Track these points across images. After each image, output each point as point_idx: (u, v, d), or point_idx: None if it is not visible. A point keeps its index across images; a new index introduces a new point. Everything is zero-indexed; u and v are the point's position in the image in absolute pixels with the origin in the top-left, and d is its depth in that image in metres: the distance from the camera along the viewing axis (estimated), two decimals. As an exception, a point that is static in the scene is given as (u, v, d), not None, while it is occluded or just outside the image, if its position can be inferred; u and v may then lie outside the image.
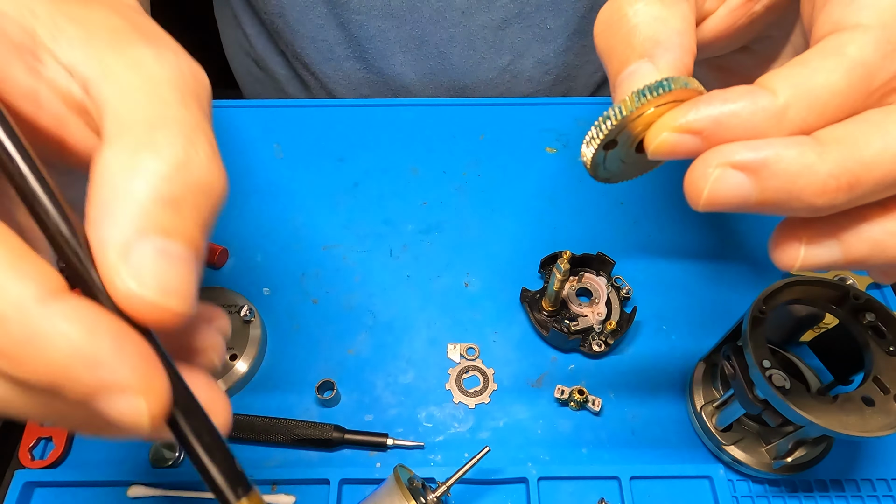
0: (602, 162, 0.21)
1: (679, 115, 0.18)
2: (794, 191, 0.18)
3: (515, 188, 0.60)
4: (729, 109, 0.18)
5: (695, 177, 0.18)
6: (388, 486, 0.39)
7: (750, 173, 0.18)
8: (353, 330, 0.52)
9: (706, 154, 0.18)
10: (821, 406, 0.34)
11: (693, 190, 0.19)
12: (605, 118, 0.20)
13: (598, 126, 0.20)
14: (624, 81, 0.21)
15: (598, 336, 0.49)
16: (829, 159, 0.17)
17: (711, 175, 0.18)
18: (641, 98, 0.19)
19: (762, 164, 0.17)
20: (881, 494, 0.44)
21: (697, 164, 0.18)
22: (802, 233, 0.20)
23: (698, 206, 0.19)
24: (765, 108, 0.18)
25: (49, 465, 0.45)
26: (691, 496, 0.44)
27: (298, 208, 0.59)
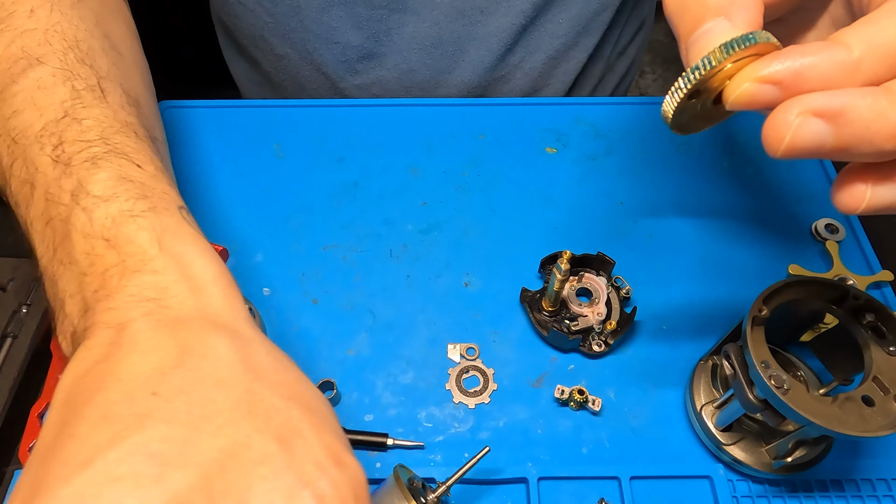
0: (681, 112, 0.22)
1: (762, 67, 0.20)
2: (867, 136, 0.19)
3: (515, 188, 0.60)
4: (809, 62, 0.19)
5: (777, 124, 0.20)
6: (388, 486, 0.39)
7: (829, 120, 0.19)
8: (353, 330, 0.52)
9: (787, 103, 0.19)
10: (821, 406, 0.34)
11: (774, 137, 0.20)
12: (694, 69, 0.21)
13: (686, 76, 0.21)
14: (701, 38, 0.22)
15: (598, 336, 0.49)
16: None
17: (794, 123, 0.19)
18: (730, 50, 0.20)
19: (840, 111, 0.19)
20: (881, 494, 0.44)
21: (779, 113, 0.20)
22: (869, 176, 0.22)
23: (778, 152, 0.20)
24: (842, 62, 0.19)
25: (49, 465, 0.45)
26: (691, 496, 0.44)
27: (298, 208, 0.59)
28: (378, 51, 0.66)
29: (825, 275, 0.53)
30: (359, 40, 0.65)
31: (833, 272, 0.53)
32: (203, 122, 0.65)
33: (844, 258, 0.54)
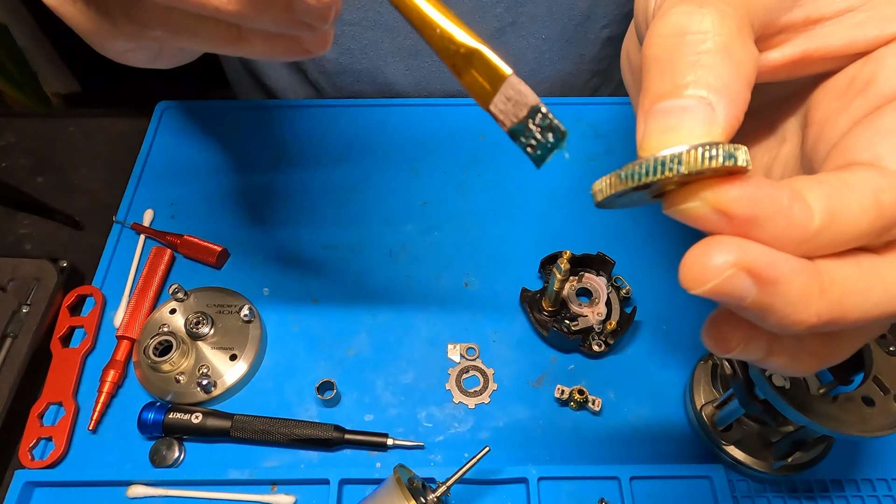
0: (613, 198, 0.20)
1: (723, 194, 0.17)
2: (780, 312, 0.17)
3: (515, 188, 0.60)
4: (770, 212, 0.17)
5: (705, 265, 0.17)
6: (388, 486, 0.39)
7: (759, 283, 0.17)
8: (353, 330, 0.52)
9: (727, 244, 0.17)
10: (821, 406, 0.34)
11: (696, 277, 0.17)
12: (656, 165, 0.17)
13: (644, 170, 0.18)
14: (674, 114, 0.18)
15: (598, 336, 0.49)
16: (826, 299, 0.17)
17: (725, 272, 0.17)
18: (707, 161, 0.17)
19: (775, 281, 0.17)
20: (881, 494, 0.44)
21: (713, 253, 0.17)
22: (743, 332, 0.20)
23: (693, 290, 0.17)
24: (800, 227, 0.17)
25: (49, 465, 0.45)
26: (691, 496, 0.44)
27: (298, 208, 0.59)
28: (355, 66, 0.66)
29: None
30: (333, 55, 0.66)
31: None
32: (203, 122, 0.65)
33: (844, 258, 0.54)
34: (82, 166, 0.64)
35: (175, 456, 0.46)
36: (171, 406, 0.46)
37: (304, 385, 0.49)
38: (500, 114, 0.20)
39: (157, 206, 0.59)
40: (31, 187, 0.62)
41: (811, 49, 0.22)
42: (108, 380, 0.48)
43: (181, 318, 0.50)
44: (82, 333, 0.51)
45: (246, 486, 0.45)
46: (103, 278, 0.54)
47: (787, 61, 0.22)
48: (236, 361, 0.49)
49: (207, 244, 0.55)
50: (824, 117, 0.22)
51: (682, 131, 0.18)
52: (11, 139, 0.65)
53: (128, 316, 0.51)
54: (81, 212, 0.60)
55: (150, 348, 0.48)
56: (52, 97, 1.37)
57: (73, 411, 0.47)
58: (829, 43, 0.22)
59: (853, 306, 0.18)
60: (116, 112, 0.68)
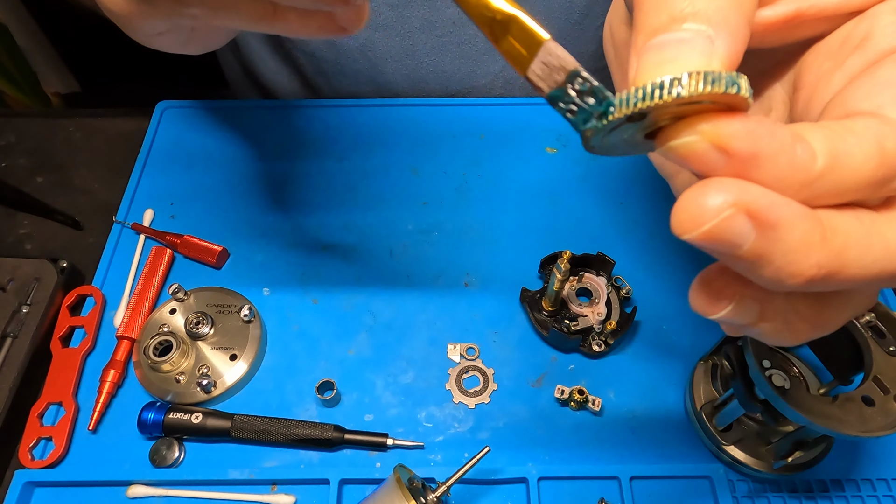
0: (604, 132, 0.18)
1: (723, 125, 0.16)
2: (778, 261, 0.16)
3: (515, 188, 0.60)
4: (772, 149, 0.16)
5: (700, 205, 0.16)
6: (388, 486, 0.39)
7: (758, 227, 0.16)
8: (353, 330, 0.52)
9: (725, 184, 0.16)
10: (821, 406, 0.34)
11: (691, 218, 0.16)
12: (653, 90, 0.16)
13: (634, 96, 0.16)
14: (670, 46, 0.17)
15: (598, 336, 0.49)
16: (826, 249, 0.16)
17: (723, 213, 0.15)
18: (710, 85, 0.15)
19: (775, 224, 0.16)
20: (881, 494, 0.44)
21: (710, 193, 0.16)
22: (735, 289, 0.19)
23: (685, 235, 0.16)
24: (803, 168, 0.16)
25: (49, 465, 0.45)
26: (691, 496, 0.44)
27: (298, 208, 0.59)
28: (352, 66, 0.66)
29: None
30: (331, 56, 0.66)
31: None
32: (203, 122, 0.65)
33: (844, 258, 0.54)
34: (82, 166, 0.64)
35: (175, 456, 0.46)
36: (171, 406, 0.46)
37: (304, 385, 0.49)
38: (537, 79, 0.19)
39: (157, 207, 0.59)
40: (31, 187, 0.62)
41: (804, 7, 0.21)
42: (108, 380, 0.48)
43: (181, 318, 0.50)
44: (82, 333, 0.51)
45: (246, 486, 0.45)
46: (103, 278, 0.54)
47: (780, 20, 0.21)
48: (236, 361, 0.49)
49: (207, 244, 0.55)
50: (816, 78, 0.22)
51: (679, 62, 0.16)
52: (11, 139, 0.65)
53: (128, 316, 0.51)
54: (81, 212, 0.60)
55: (150, 348, 0.48)
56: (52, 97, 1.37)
57: (73, 411, 0.47)
58: (824, 0, 0.21)
59: (854, 259, 0.17)
60: (116, 112, 0.68)
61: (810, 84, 0.22)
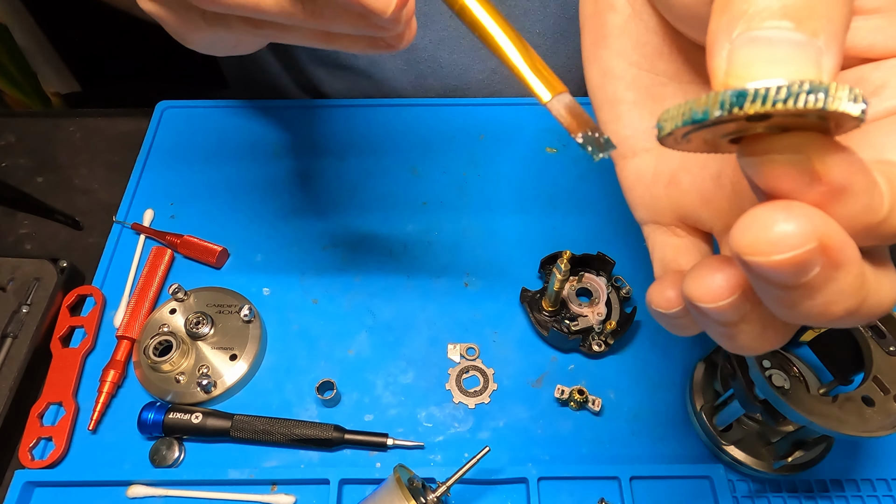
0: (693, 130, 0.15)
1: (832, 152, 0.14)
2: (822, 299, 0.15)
3: (515, 188, 0.60)
4: (863, 186, 0.14)
5: (783, 232, 0.14)
6: (388, 486, 0.39)
7: (826, 264, 0.14)
8: (353, 330, 0.52)
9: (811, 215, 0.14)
10: (821, 406, 0.34)
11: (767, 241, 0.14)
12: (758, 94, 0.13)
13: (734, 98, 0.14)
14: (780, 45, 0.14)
15: (598, 336, 0.49)
16: (860, 295, 0.16)
17: (807, 245, 0.14)
18: (829, 100, 0.13)
19: (841, 264, 0.15)
20: (881, 494, 0.44)
21: (796, 221, 0.14)
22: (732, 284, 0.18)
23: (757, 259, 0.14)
24: (875, 211, 0.15)
25: (49, 465, 0.45)
26: (691, 496, 0.44)
27: (298, 208, 0.59)
28: (352, 64, 0.66)
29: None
30: (331, 54, 0.66)
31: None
32: (203, 122, 0.65)
33: (844, 258, 0.54)
34: (82, 166, 0.64)
35: (175, 456, 0.46)
36: (171, 406, 0.46)
37: (304, 385, 0.49)
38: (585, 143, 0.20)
39: (157, 206, 0.59)
40: (31, 187, 0.62)
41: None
42: (108, 380, 0.48)
43: (181, 318, 0.50)
44: (82, 333, 0.51)
45: (246, 486, 0.45)
46: (103, 278, 0.54)
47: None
48: (236, 361, 0.49)
49: (207, 244, 0.55)
50: None
51: (786, 65, 0.14)
52: (11, 139, 0.66)
53: (128, 316, 0.51)
54: (81, 212, 0.60)
55: (150, 348, 0.48)
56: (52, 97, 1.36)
57: (73, 411, 0.47)
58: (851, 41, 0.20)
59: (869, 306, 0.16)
60: (116, 112, 0.68)
61: None
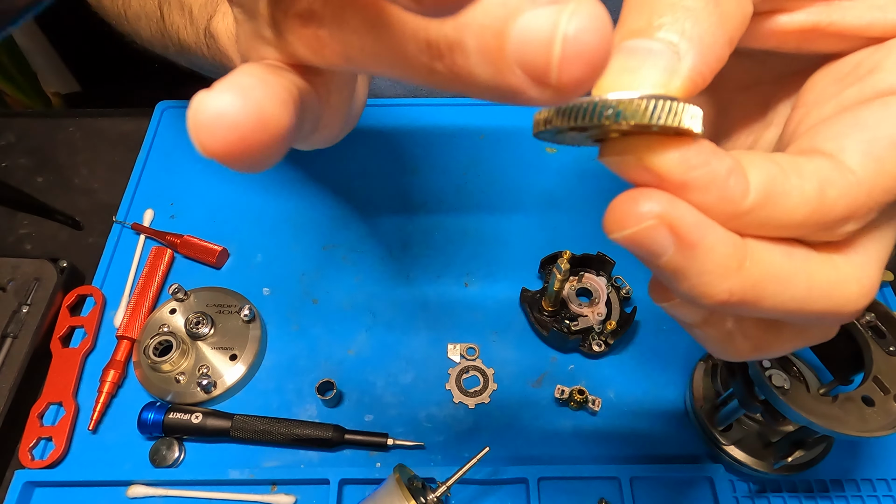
0: (553, 133, 0.18)
1: (660, 154, 0.16)
2: (692, 279, 0.17)
3: (515, 188, 0.60)
4: (703, 181, 0.16)
5: (627, 210, 0.16)
6: (389, 486, 0.39)
7: (678, 243, 0.16)
8: (353, 330, 0.52)
9: (656, 195, 0.16)
10: (821, 406, 0.34)
11: (617, 220, 0.17)
12: (596, 110, 0.16)
13: (582, 110, 0.16)
14: (637, 55, 0.17)
15: (598, 336, 0.49)
16: (741, 277, 0.17)
17: (646, 222, 0.16)
18: (646, 115, 0.15)
19: (694, 244, 0.16)
20: (881, 494, 0.44)
21: (641, 201, 0.16)
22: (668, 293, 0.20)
23: (610, 234, 0.17)
24: (731, 201, 0.16)
25: (49, 465, 0.45)
26: (691, 496, 0.44)
27: (298, 208, 0.59)
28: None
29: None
30: None
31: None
32: (203, 122, 0.65)
33: (844, 258, 0.54)
34: (82, 166, 0.64)
35: (175, 456, 0.46)
36: (171, 406, 0.46)
37: (304, 385, 0.49)
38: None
39: (157, 206, 0.59)
40: (31, 187, 0.61)
41: (824, 22, 0.20)
42: (108, 380, 0.48)
43: (181, 318, 0.50)
44: (82, 333, 0.51)
45: (246, 486, 0.45)
46: (103, 278, 0.54)
47: (797, 29, 0.21)
48: (236, 361, 0.49)
49: (207, 244, 0.55)
50: (815, 100, 0.21)
51: (640, 74, 0.16)
52: (11, 139, 0.65)
53: (128, 316, 0.51)
54: (81, 212, 0.60)
55: (150, 348, 0.48)
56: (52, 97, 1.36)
57: (73, 411, 0.47)
58: (845, 19, 0.20)
59: (770, 293, 0.17)
60: (116, 112, 0.68)
61: (808, 104, 0.21)
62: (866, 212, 0.17)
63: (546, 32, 0.12)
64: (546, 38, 0.12)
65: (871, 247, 0.19)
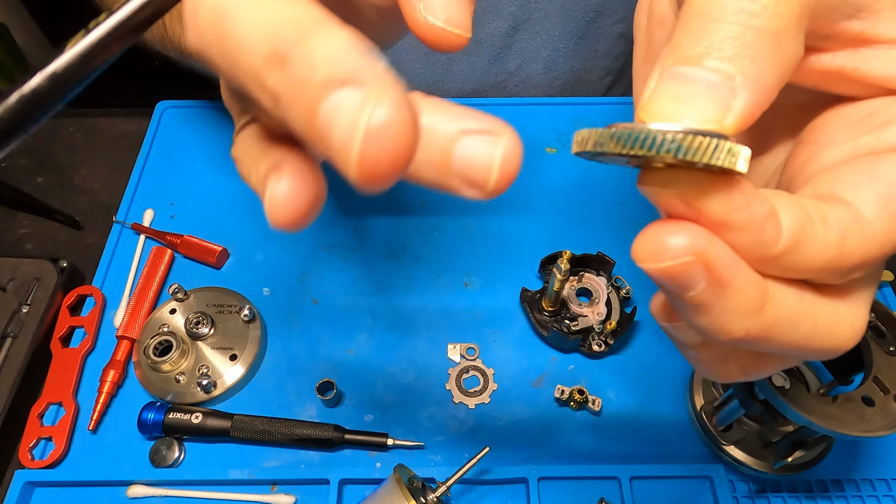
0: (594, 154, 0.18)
1: (705, 193, 0.16)
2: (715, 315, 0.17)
3: (515, 188, 0.60)
4: (745, 223, 0.16)
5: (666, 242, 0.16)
6: (388, 486, 0.39)
7: (710, 281, 0.16)
8: (353, 330, 0.52)
9: (695, 233, 0.16)
10: (821, 406, 0.34)
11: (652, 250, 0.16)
12: (652, 140, 0.15)
13: (635, 139, 0.16)
14: (692, 83, 0.16)
15: (598, 336, 0.49)
16: (760, 319, 0.17)
17: (684, 258, 0.16)
18: (706, 154, 0.15)
19: (727, 284, 0.16)
20: (881, 494, 0.44)
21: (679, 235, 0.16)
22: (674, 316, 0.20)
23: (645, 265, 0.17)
24: (765, 245, 0.17)
25: (49, 465, 0.45)
26: (691, 496, 0.44)
27: (298, 208, 0.59)
28: None
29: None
30: None
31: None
32: (203, 122, 0.65)
33: (844, 258, 0.54)
34: (82, 166, 0.64)
35: (175, 456, 0.46)
36: (171, 406, 0.46)
37: (304, 385, 0.49)
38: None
39: (157, 206, 0.59)
40: (31, 187, 0.62)
41: (849, 67, 0.20)
42: (108, 380, 0.48)
43: (181, 318, 0.50)
44: (82, 333, 0.51)
45: (246, 486, 0.45)
46: (103, 278, 0.54)
47: (822, 70, 0.21)
48: (236, 361, 0.49)
49: (207, 244, 0.55)
50: (826, 141, 0.21)
51: (692, 105, 0.16)
52: (11, 139, 0.66)
53: (128, 316, 0.51)
54: (81, 212, 0.60)
55: (150, 348, 0.48)
56: (52, 97, 1.37)
57: (73, 411, 0.47)
58: (870, 68, 0.20)
59: (780, 333, 0.18)
60: (116, 112, 0.68)
61: (818, 143, 0.21)
62: (876, 262, 0.18)
63: (485, 156, 0.16)
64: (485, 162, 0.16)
65: (864, 293, 0.19)
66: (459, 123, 0.16)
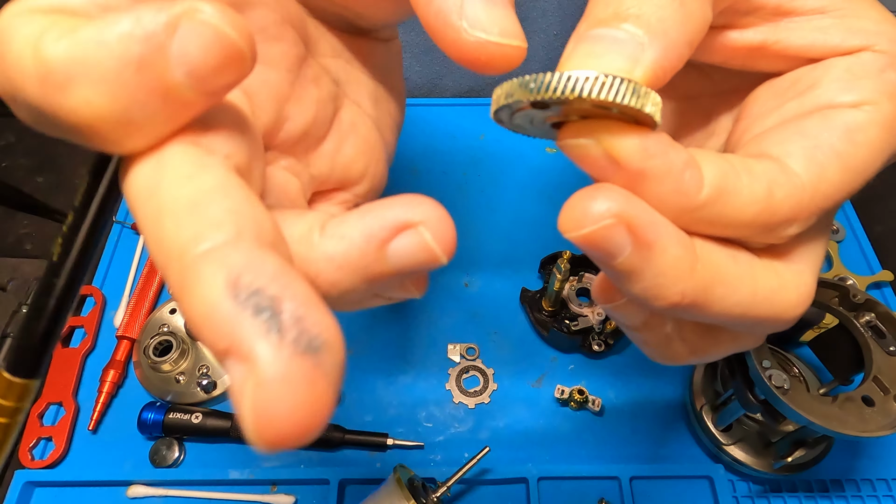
0: (512, 110, 0.18)
1: (619, 137, 0.16)
2: (647, 281, 0.17)
3: (515, 188, 0.60)
4: (661, 170, 0.16)
5: (585, 210, 0.16)
6: (389, 486, 0.39)
7: (635, 244, 0.16)
8: (353, 330, 0.52)
9: (614, 194, 0.16)
10: (821, 406, 0.34)
11: (574, 220, 0.16)
12: (560, 82, 0.15)
13: (545, 81, 0.16)
14: (602, 41, 0.17)
15: (598, 336, 0.49)
16: (694, 280, 0.17)
17: (605, 221, 0.16)
18: (611, 91, 0.15)
19: (651, 243, 0.16)
20: (881, 494, 0.44)
21: (598, 199, 0.16)
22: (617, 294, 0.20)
23: (570, 235, 0.16)
24: (686, 194, 0.16)
25: (49, 465, 0.45)
26: (691, 496, 0.44)
27: (298, 208, 0.59)
28: None
29: (825, 275, 0.53)
30: None
31: (833, 272, 0.53)
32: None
33: (844, 258, 0.54)
34: (82, 166, 0.64)
35: (175, 456, 0.46)
36: (171, 406, 0.46)
37: (304, 385, 0.49)
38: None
39: (157, 206, 0.59)
40: (31, 187, 0.62)
41: (771, 41, 0.21)
42: (108, 380, 0.48)
43: (181, 318, 0.50)
44: (82, 333, 0.51)
45: (246, 486, 0.45)
46: (103, 278, 0.54)
47: (746, 46, 0.22)
48: (236, 361, 0.49)
49: (207, 244, 0.55)
50: (757, 113, 0.22)
51: (604, 60, 0.17)
52: (11, 139, 0.66)
53: (128, 316, 0.51)
54: (81, 212, 0.60)
55: (150, 348, 0.48)
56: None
57: (73, 411, 0.47)
58: (790, 39, 0.21)
59: (718, 297, 0.17)
60: (116, 112, 0.68)
61: (751, 116, 0.22)
62: (808, 215, 0.18)
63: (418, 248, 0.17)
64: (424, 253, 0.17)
65: (807, 256, 0.19)
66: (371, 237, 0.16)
